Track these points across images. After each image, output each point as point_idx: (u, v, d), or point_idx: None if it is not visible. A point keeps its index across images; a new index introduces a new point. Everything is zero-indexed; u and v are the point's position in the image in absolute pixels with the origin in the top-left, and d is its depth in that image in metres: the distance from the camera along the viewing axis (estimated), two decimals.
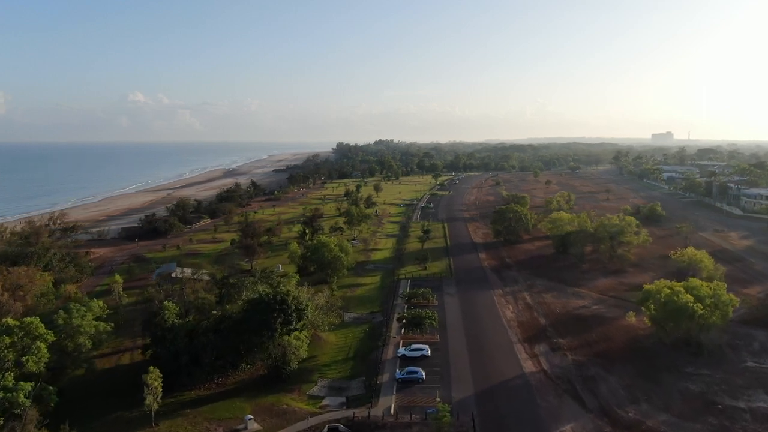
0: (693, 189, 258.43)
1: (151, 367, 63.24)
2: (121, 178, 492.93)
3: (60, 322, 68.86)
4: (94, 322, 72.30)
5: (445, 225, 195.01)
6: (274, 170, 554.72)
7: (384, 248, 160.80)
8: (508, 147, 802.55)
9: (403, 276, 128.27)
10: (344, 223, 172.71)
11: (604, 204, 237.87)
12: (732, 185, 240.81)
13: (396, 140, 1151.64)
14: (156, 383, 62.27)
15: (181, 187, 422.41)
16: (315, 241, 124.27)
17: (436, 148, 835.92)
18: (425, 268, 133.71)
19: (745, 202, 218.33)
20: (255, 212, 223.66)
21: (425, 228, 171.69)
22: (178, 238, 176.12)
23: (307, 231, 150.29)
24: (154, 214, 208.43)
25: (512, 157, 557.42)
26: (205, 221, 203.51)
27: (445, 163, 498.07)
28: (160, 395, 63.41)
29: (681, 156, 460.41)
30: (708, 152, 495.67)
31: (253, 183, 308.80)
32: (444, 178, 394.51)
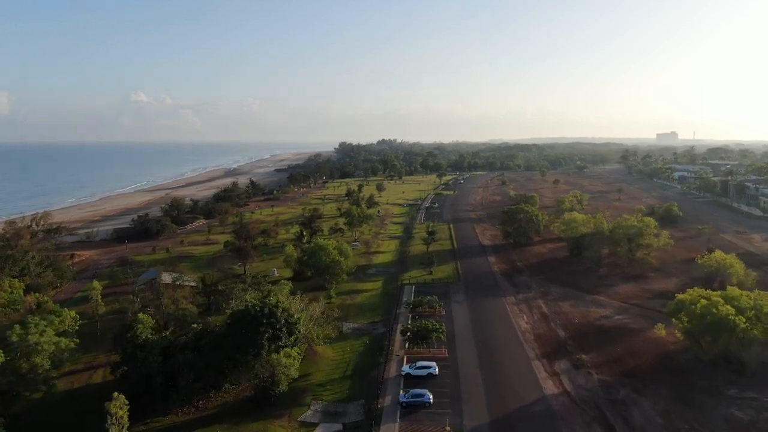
0: (708, 188, 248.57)
1: (116, 393, 54.39)
2: (122, 178, 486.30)
3: (14, 339, 60.14)
4: (56, 338, 63.47)
5: (451, 226, 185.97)
6: (275, 170, 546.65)
7: (387, 251, 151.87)
8: (512, 147, 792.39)
9: (407, 281, 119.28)
10: (345, 224, 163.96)
11: (616, 204, 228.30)
12: (749, 185, 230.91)
13: (399, 140, 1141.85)
14: (121, 412, 53.47)
15: (181, 186, 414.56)
16: (312, 244, 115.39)
17: (440, 148, 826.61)
18: (431, 273, 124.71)
19: (765, 202, 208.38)
20: (252, 212, 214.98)
21: (430, 229, 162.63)
22: (169, 240, 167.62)
23: (304, 233, 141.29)
24: (147, 214, 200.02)
25: (517, 157, 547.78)
26: (200, 222, 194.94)
27: (449, 163, 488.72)
28: (127, 425, 54.64)
29: (691, 155, 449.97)
30: (719, 151, 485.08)
31: (251, 182, 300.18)
32: (448, 177, 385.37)
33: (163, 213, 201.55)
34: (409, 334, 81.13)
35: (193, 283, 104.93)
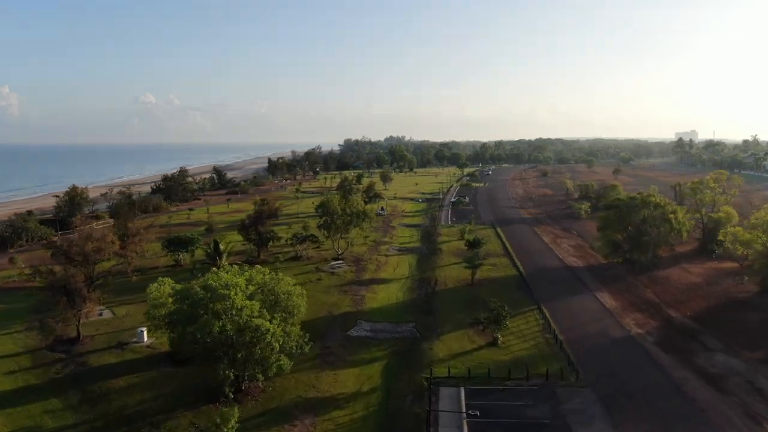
0: None
1: None
2: (98, 174, 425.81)
3: None
4: None
5: (499, 231, 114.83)
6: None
7: (393, 278, 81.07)
8: (534, 141, 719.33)
9: (442, 371, 48.52)
10: (320, 227, 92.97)
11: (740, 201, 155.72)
12: None
13: (408, 137, 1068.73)
14: None
15: (149, 183, 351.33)
16: (200, 282, 45.03)
17: (453, 143, 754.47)
18: (495, 343, 54.00)
19: None
20: (190, 210, 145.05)
21: (471, 237, 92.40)
22: (26, 252, 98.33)
23: (222, 249, 71.02)
24: (29, 212, 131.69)
25: (546, 149, 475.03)
26: (102, 223, 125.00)
27: (468, 156, 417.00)
28: None
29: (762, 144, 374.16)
30: None
31: (216, 170, 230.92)
32: (471, 169, 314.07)
33: (56, 211, 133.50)
34: None
35: None
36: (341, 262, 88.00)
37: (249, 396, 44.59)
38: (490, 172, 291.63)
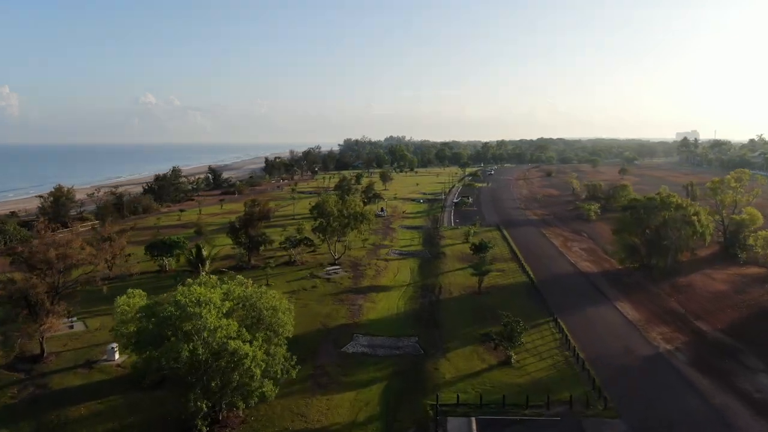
0: None
1: None
2: (96, 174, 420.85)
3: None
4: None
5: (506, 233, 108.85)
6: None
7: (394, 284, 75.14)
8: (536, 141, 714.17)
9: (450, 397, 42.51)
10: (315, 230, 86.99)
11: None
12: None
13: (408, 137, 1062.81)
14: None
15: (141, 183, 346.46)
16: (171, 298, 39.02)
17: (454, 143, 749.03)
18: (508, 362, 48.00)
19: None
20: (182, 211, 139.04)
21: (476, 240, 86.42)
22: (2, 256, 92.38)
23: (206, 255, 65.11)
24: (12, 213, 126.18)
25: (549, 149, 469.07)
26: (85, 225, 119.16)
27: (469, 156, 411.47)
28: None
29: None
30: None
31: (211, 170, 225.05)
32: (473, 169, 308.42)
33: (40, 212, 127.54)
34: None
35: None
36: (338, 267, 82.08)
37: (227, 428, 38.65)
38: (492, 172, 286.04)
